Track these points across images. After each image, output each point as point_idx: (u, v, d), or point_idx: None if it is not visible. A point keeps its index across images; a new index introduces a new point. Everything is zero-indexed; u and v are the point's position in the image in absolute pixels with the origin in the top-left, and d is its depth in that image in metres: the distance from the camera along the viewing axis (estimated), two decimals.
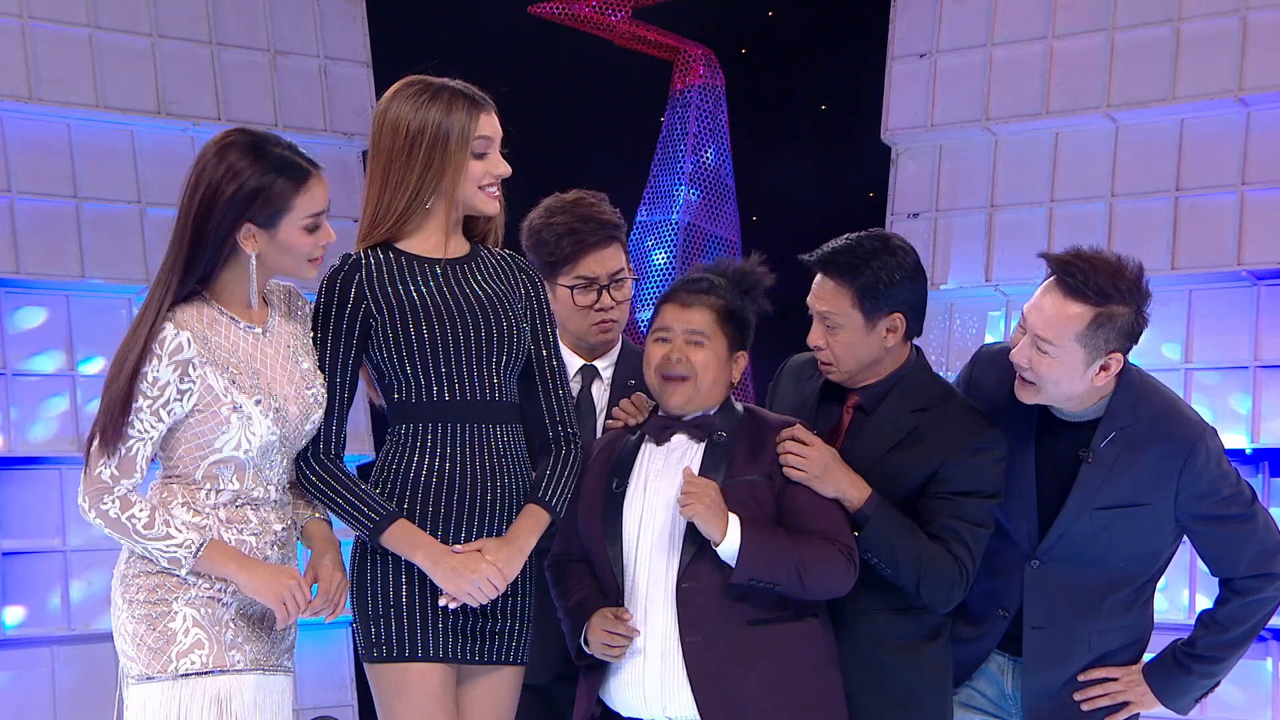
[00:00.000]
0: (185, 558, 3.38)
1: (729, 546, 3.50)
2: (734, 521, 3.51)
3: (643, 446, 3.67)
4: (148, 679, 3.40)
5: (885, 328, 3.73)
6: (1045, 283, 3.70)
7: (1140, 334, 3.71)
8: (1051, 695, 3.84)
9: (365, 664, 3.61)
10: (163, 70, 6.44)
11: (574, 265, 4.09)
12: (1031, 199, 6.38)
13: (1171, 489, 3.74)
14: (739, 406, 3.71)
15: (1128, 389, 3.75)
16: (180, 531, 3.38)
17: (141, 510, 3.38)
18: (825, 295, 3.75)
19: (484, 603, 3.52)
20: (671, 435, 3.65)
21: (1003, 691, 3.90)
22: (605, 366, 4.17)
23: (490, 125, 3.59)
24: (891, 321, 3.73)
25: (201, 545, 3.39)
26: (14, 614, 6.07)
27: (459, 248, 3.66)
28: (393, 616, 3.54)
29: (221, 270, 3.46)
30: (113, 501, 3.38)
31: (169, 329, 3.39)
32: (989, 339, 6.45)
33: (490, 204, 3.62)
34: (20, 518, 6.10)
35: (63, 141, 6.28)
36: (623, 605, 3.58)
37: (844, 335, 3.74)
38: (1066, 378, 3.68)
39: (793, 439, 3.63)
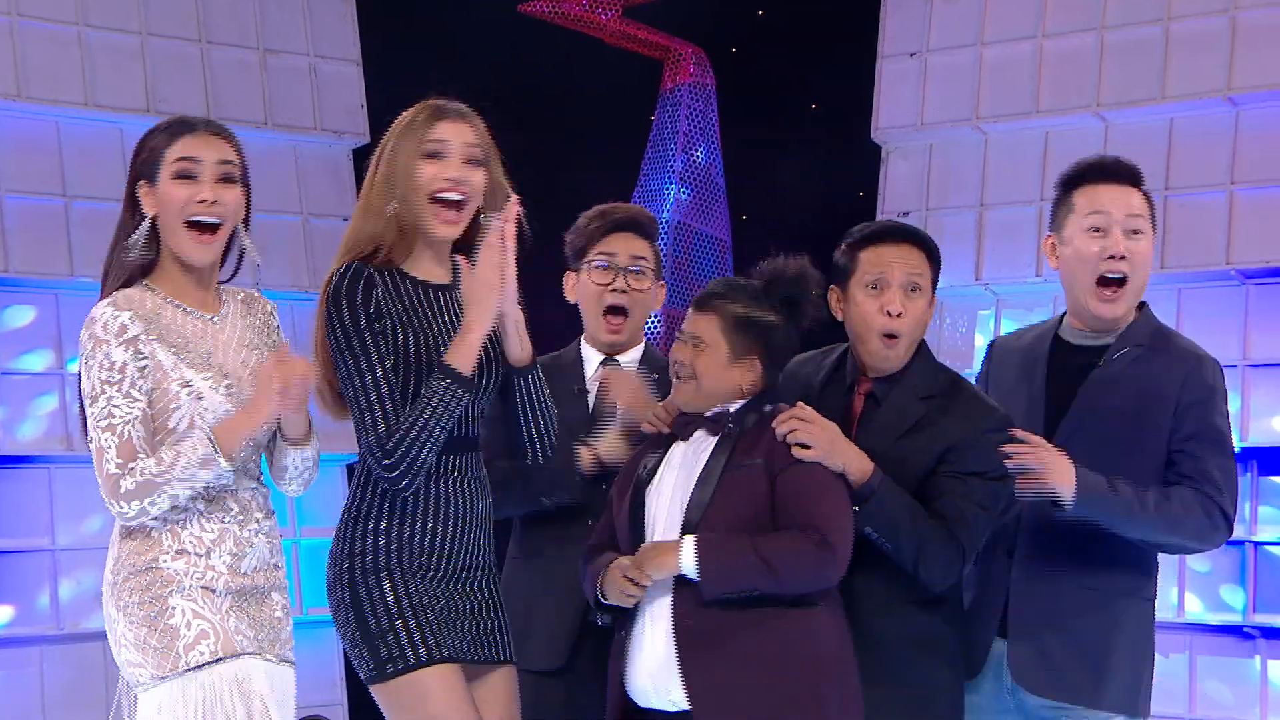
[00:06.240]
0: (210, 452, 3.34)
1: (687, 565, 3.52)
2: (688, 541, 3.53)
3: (673, 443, 3.73)
4: (160, 680, 3.37)
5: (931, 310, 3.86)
6: (1089, 189, 3.96)
7: None
8: (1041, 596, 3.82)
9: (375, 686, 3.49)
10: (152, 68, 6.43)
11: (597, 245, 4.11)
12: (1021, 198, 6.39)
13: (1173, 399, 3.80)
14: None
15: (1149, 318, 3.94)
16: (185, 443, 3.36)
17: (147, 460, 3.35)
18: (916, 261, 3.78)
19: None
20: (693, 431, 3.70)
21: (1002, 686, 3.87)
22: (629, 362, 4.16)
23: (451, 130, 3.45)
24: (932, 304, 3.85)
25: (209, 432, 3.37)
26: (2, 613, 6.05)
27: (447, 274, 3.57)
28: (399, 628, 3.45)
29: (158, 262, 3.48)
30: (128, 479, 3.35)
31: (109, 311, 3.40)
32: (978, 338, 6.46)
33: (441, 228, 3.45)
34: (9, 517, 6.08)
35: (52, 140, 6.26)
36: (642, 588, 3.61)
37: (920, 302, 3.79)
38: (1151, 251, 3.93)
39: (796, 417, 3.63)
